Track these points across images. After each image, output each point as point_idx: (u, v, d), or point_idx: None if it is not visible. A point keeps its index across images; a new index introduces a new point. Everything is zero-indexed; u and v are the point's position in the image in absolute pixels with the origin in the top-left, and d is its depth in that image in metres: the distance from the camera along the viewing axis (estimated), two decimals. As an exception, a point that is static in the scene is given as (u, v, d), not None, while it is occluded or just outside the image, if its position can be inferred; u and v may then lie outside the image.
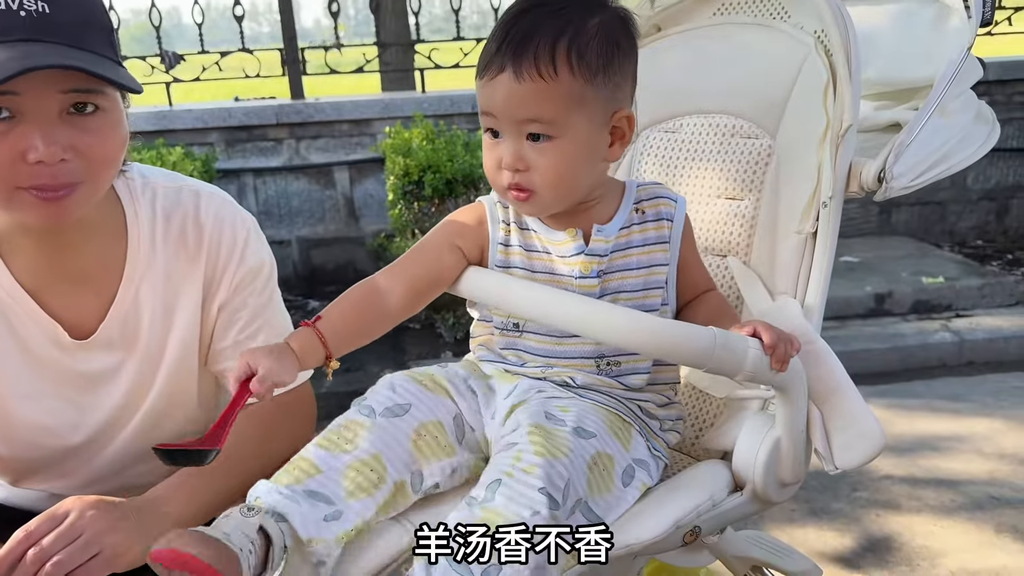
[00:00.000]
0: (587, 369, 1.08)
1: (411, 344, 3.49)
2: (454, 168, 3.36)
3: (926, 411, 2.88)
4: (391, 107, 4.14)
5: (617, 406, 1.07)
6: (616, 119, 1.04)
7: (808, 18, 1.22)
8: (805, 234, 1.14)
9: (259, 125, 4.11)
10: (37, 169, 0.95)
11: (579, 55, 0.99)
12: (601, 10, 1.03)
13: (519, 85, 0.98)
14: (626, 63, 1.04)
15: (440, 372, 1.09)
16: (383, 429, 0.99)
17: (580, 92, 1.00)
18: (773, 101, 1.23)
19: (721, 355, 0.92)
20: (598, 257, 1.07)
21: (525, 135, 1.01)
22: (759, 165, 1.24)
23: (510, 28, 1.00)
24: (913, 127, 1.12)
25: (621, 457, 1.01)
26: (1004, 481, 2.39)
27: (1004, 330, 3.37)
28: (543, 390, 1.07)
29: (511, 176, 1.02)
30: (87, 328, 1.15)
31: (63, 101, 0.96)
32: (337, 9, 4.34)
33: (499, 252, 1.10)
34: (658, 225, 1.12)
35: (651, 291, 1.10)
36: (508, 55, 0.99)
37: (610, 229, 1.09)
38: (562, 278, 1.07)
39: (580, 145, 1.02)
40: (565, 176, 1.02)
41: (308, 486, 0.94)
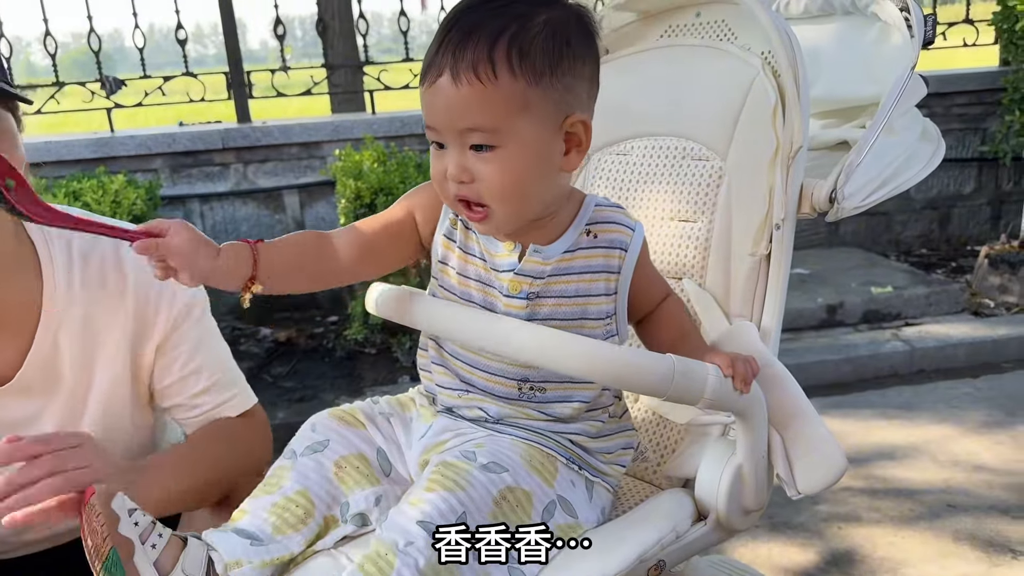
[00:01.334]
0: (506, 390, 1.02)
1: (367, 370, 3.43)
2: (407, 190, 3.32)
3: (881, 421, 2.91)
4: (341, 129, 4.09)
5: (539, 440, 1.02)
6: (569, 124, 0.95)
7: (755, 40, 1.22)
8: (759, 256, 1.13)
9: (205, 150, 4.02)
10: None
11: (521, 54, 0.90)
12: (552, 5, 0.94)
13: (457, 90, 0.90)
14: (578, 63, 0.95)
15: (363, 408, 1.09)
16: (305, 466, 1.02)
17: (523, 95, 0.91)
18: (723, 123, 1.22)
19: (681, 383, 0.90)
20: (530, 278, 1.00)
21: (468, 145, 0.93)
22: (711, 187, 1.23)
23: (451, 28, 0.92)
24: (862, 147, 1.12)
25: (542, 493, 0.97)
26: (959, 489, 2.42)
27: (952, 337, 3.43)
28: (460, 431, 1.04)
29: (457, 187, 0.95)
30: (4, 374, 1.11)
31: None
32: (283, 31, 4.29)
33: (442, 245, 1.06)
34: (607, 254, 1.03)
35: (588, 321, 1.02)
36: (447, 58, 0.91)
37: (551, 251, 1.01)
38: (491, 290, 1.02)
39: (528, 154, 0.93)
40: (514, 188, 0.94)
41: (238, 525, 0.98)
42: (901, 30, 1.27)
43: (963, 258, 4.56)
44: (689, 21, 1.31)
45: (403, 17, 4.33)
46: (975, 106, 4.61)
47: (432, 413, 1.09)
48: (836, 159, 1.33)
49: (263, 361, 3.56)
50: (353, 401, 1.15)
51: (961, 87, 4.55)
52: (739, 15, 1.24)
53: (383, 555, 0.87)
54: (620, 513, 1.09)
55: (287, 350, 3.70)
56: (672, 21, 1.33)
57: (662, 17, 1.34)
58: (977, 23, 4.60)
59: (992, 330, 3.48)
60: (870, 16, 1.37)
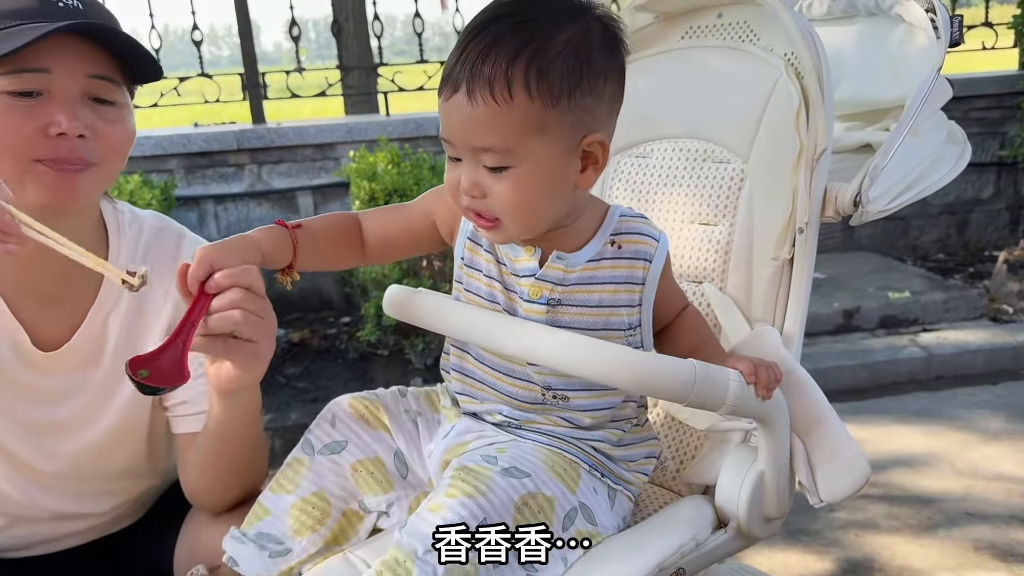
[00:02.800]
0: (531, 395, 1.02)
1: (379, 371, 3.42)
2: (420, 192, 3.30)
3: (899, 427, 2.88)
4: (355, 131, 4.09)
5: (562, 446, 1.01)
6: (587, 144, 0.92)
7: (778, 41, 1.20)
8: (781, 260, 1.12)
9: (219, 151, 4.03)
10: (57, 142, 1.02)
11: (540, 76, 0.87)
12: (577, 20, 0.90)
13: (472, 109, 0.88)
14: (599, 82, 0.91)
15: (387, 404, 1.08)
16: (321, 466, 1.04)
17: (540, 118, 0.88)
18: (744, 125, 1.21)
19: (702, 389, 0.88)
20: (551, 284, 0.99)
21: (483, 166, 0.91)
22: (732, 190, 1.22)
23: (471, 40, 0.89)
24: (887, 149, 1.11)
25: (564, 499, 0.95)
26: (979, 497, 2.39)
27: (970, 344, 3.39)
28: (484, 433, 1.04)
29: (469, 200, 0.93)
30: (55, 342, 1.17)
31: (86, 86, 1.04)
32: (298, 33, 4.30)
33: (466, 247, 1.04)
34: (632, 265, 1.01)
35: (612, 332, 1.01)
36: (464, 73, 0.88)
37: (576, 259, 1.00)
38: (512, 294, 1.01)
39: (542, 175, 0.91)
40: (525, 206, 0.92)
41: (259, 528, 1.02)
42: (926, 31, 1.25)
43: (981, 263, 4.51)
44: (711, 22, 1.30)
45: (418, 19, 4.34)
46: (994, 110, 4.57)
47: (456, 414, 1.08)
48: (860, 162, 1.31)
49: (276, 362, 3.56)
50: None
51: (980, 91, 4.50)
52: (761, 16, 1.23)
53: (401, 562, 0.86)
54: (640, 520, 1.08)
55: (300, 351, 3.70)
56: (693, 22, 1.32)
57: (683, 19, 1.32)
58: (996, 26, 4.56)
59: (1011, 336, 3.44)
60: (894, 17, 1.35)
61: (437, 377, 1.19)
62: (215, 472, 1.16)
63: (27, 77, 1.01)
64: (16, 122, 1.01)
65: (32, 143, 1.02)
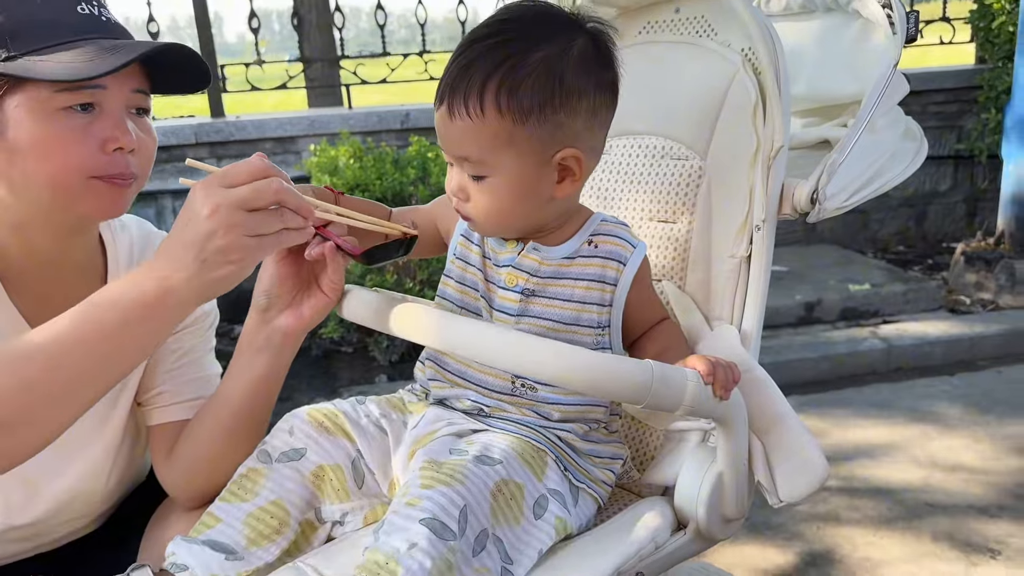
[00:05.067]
0: (501, 383, 1.03)
1: (343, 369, 3.38)
2: (383, 186, 3.28)
3: (859, 419, 2.91)
4: (316, 124, 4.03)
5: (530, 434, 1.01)
6: (560, 158, 0.98)
7: (735, 36, 1.19)
8: (739, 258, 1.11)
9: (177, 145, 3.94)
10: (116, 157, 1.03)
11: (509, 93, 0.93)
12: (557, 39, 0.95)
13: (452, 122, 0.96)
14: (573, 99, 0.96)
15: (347, 412, 1.07)
16: (281, 475, 1.01)
17: (509, 133, 0.95)
18: (702, 121, 1.20)
19: (659, 390, 0.86)
20: (526, 274, 1.04)
21: (465, 173, 0.99)
22: (690, 187, 1.21)
23: (457, 57, 0.97)
24: (844, 146, 1.10)
25: (532, 487, 0.95)
26: (938, 488, 2.42)
27: (929, 335, 3.44)
28: (452, 421, 1.04)
29: (456, 201, 1.02)
30: None
31: (131, 100, 1.06)
32: (258, 25, 4.22)
33: (459, 243, 1.11)
34: (604, 264, 1.05)
35: (582, 328, 1.04)
36: (447, 88, 0.96)
37: (553, 252, 1.05)
38: (491, 284, 1.07)
39: (513, 185, 0.98)
40: (499, 213, 1.00)
41: (209, 536, 0.98)
42: (883, 27, 1.25)
43: (939, 255, 4.59)
44: (668, 17, 1.28)
45: (380, 11, 4.28)
46: (951, 104, 4.64)
47: (424, 405, 1.09)
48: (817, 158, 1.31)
49: (237, 360, 3.50)
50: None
51: (938, 85, 4.57)
52: (719, 11, 1.22)
53: (383, 564, 0.83)
54: (600, 522, 1.06)
55: (262, 349, 3.64)
56: (651, 17, 1.30)
57: (641, 13, 1.31)
58: (953, 21, 4.62)
59: (968, 328, 3.50)
60: (851, 13, 1.35)
61: (402, 374, 1.18)
62: (234, 436, 1.11)
63: (87, 93, 1.01)
64: (78, 139, 1.01)
65: (94, 159, 1.02)
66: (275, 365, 1.08)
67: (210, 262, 0.88)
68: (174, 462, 1.18)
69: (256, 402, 1.09)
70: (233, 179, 0.88)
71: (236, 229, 0.87)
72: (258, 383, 1.08)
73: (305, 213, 0.93)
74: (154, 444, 1.22)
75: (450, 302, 1.09)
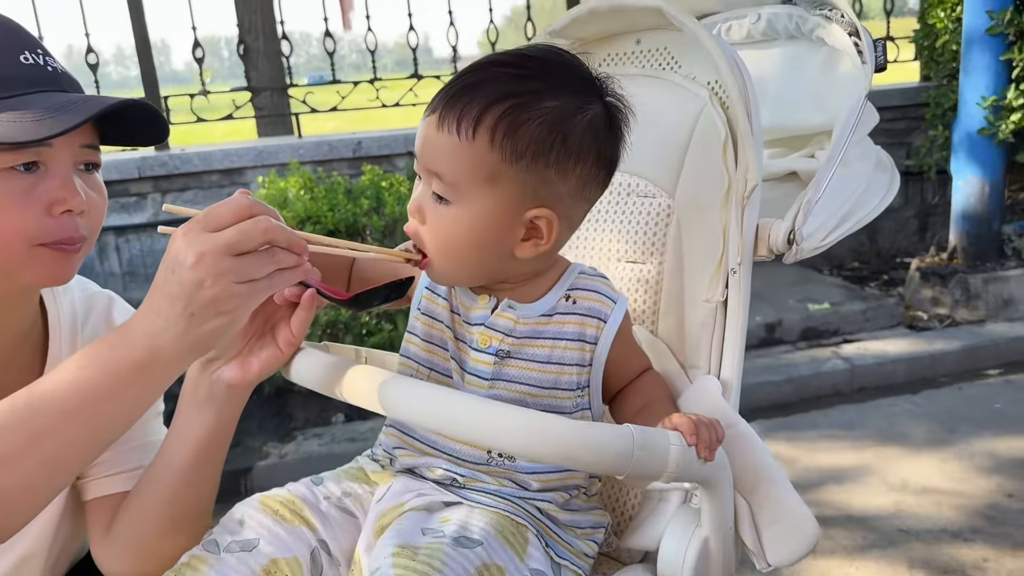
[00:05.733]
0: (475, 454, 0.95)
1: (298, 408, 3.25)
2: (336, 218, 3.18)
3: (826, 442, 2.88)
4: (264, 154, 3.92)
5: (508, 508, 0.93)
6: (533, 215, 0.90)
7: (700, 68, 1.14)
8: (715, 303, 1.05)
9: (119, 180, 3.80)
10: (63, 221, 0.94)
11: (508, 129, 0.86)
12: (575, 96, 0.89)
13: (437, 133, 0.89)
14: (569, 162, 0.89)
15: (304, 496, 0.96)
16: (227, 565, 0.90)
17: (494, 167, 0.87)
18: (669, 158, 1.14)
19: (641, 458, 0.79)
20: (500, 334, 0.95)
21: (431, 189, 0.90)
22: (659, 226, 1.15)
23: (466, 73, 0.90)
24: (820, 182, 1.05)
25: (515, 568, 0.87)
26: (910, 513, 2.39)
27: (890, 354, 3.45)
28: (423, 492, 0.95)
29: (411, 222, 0.94)
30: None
31: (80, 156, 0.97)
32: (202, 55, 4.10)
33: (424, 297, 1.02)
34: (582, 321, 0.97)
35: (561, 391, 0.96)
36: (444, 99, 0.89)
37: (528, 311, 0.97)
38: (462, 344, 0.98)
39: (476, 223, 0.89)
40: (452, 249, 0.91)
41: None
42: (850, 55, 1.21)
43: (894, 270, 4.63)
44: (629, 49, 1.23)
45: (329, 38, 4.20)
46: (899, 121, 4.70)
47: (390, 475, 0.99)
48: (786, 191, 1.26)
49: (186, 403, 3.35)
50: (284, 447, 1.03)
51: (886, 103, 4.62)
52: (682, 42, 1.16)
53: None
54: (575, 593, 0.98)
55: (213, 389, 3.50)
56: (611, 49, 1.24)
57: (601, 45, 1.25)
58: (898, 40, 4.70)
59: (929, 345, 3.51)
60: (816, 41, 1.31)
61: (360, 413, 1.09)
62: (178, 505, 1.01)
63: (30, 151, 0.92)
64: (20, 203, 0.92)
65: (39, 224, 0.93)
66: (220, 421, 0.98)
67: (199, 315, 0.80)
68: (112, 541, 1.07)
69: (201, 464, 1.00)
70: (216, 221, 0.79)
71: (225, 276, 0.79)
72: (202, 442, 0.98)
73: (299, 250, 0.84)
74: (91, 521, 1.11)
75: (415, 362, 1.00)
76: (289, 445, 2.93)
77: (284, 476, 1.06)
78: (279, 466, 2.81)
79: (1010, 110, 3.88)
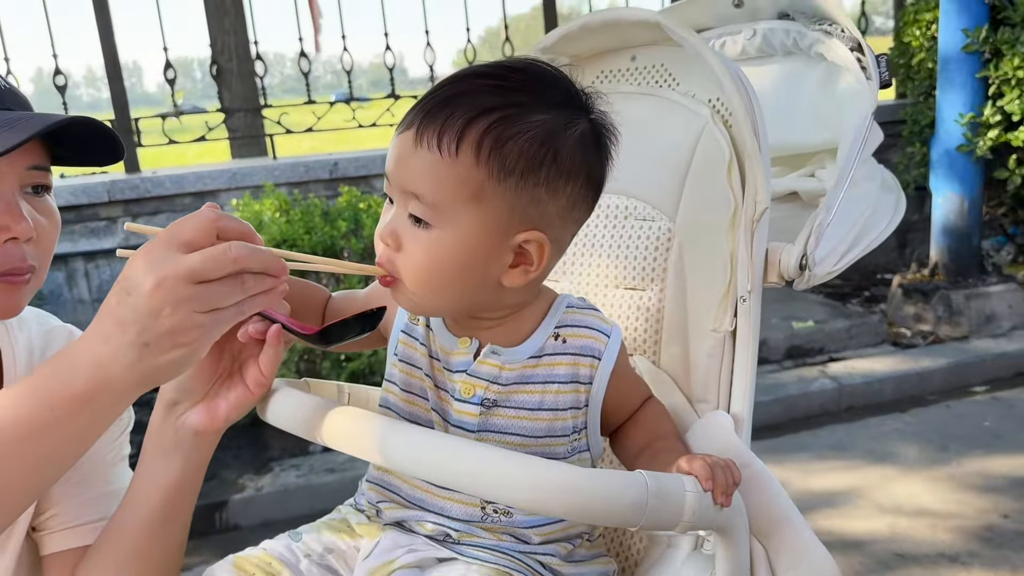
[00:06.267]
0: (468, 511, 0.87)
1: (274, 438, 3.15)
2: (313, 241, 3.10)
3: (818, 464, 2.83)
4: (239, 176, 3.83)
5: (509, 563, 0.86)
6: (523, 239, 0.82)
7: (699, 85, 1.09)
8: (723, 332, 0.99)
9: (89, 204, 3.69)
10: (8, 249, 0.89)
11: (495, 144, 0.79)
12: (563, 111, 0.82)
13: (415, 150, 0.80)
14: (560, 181, 0.82)
15: (282, 555, 0.88)
16: None
17: (479, 185, 0.79)
18: (669, 179, 1.08)
19: (655, 507, 0.72)
20: (485, 382, 0.87)
21: (408, 212, 0.81)
22: (659, 251, 1.09)
23: (444, 85, 0.82)
24: (831, 204, 1.00)
25: None
26: (905, 536, 2.34)
27: (877, 372, 3.41)
28: (414, 547, 0.87)
29: (383, 249, 0.84)
30: None
31: (26, 178, 0.92)
32: (174, 76, 4.02)
33: (400, 341, 0.93)
34: (575, 361, 0.89)
35: (556, 439, 0.88)
36: (422, 113, 0.81)
37: (515, 354, 0.88)
38: (443, 393, 0.89)
39: (460, 248, 0.81)
40: (432, 277, 0.82)
41: None
42: (853, 71, 1.16)
43: (875, 287, 4.62)
44: (624, 66, 1.17)
45: (303, 58, 4.13)
46: (877, 138, 4.71)
47: (378, 528, 0.91)
48: (786, 212, 1.21)
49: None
50: (260, 479, 0.95)
51: (864, 120, 4.64)
52: (679, 58, 1.11)
53: None
54: (580, 649, 0.91)
55: (186, 419, 3.38)
56: (604, 66, 1.19)
57: (594, 61, 1.19)
58: (874, 58, 4.71)
59: (915, 362, 3.49)
60: (814, 57, 1.26)
61: None
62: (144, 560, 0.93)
63: None
64: None
65: None
66: (188, 469, 0.90)
67: (154, 346, 0.71)
68: None
69: (169, 515, 0.91)
70: (180, 240, 0.70)
71: (186, 305, 0.70)
72: (169, 491, 0.90)
73: (276, 271, 0.75)
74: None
75: (395, 413, 0.92)
76: (265, 477, 2.82)
77: (260, 510, 0.98)
78: (255, 499, 2.70)
79: (987, 127, 3.89)
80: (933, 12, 4.17)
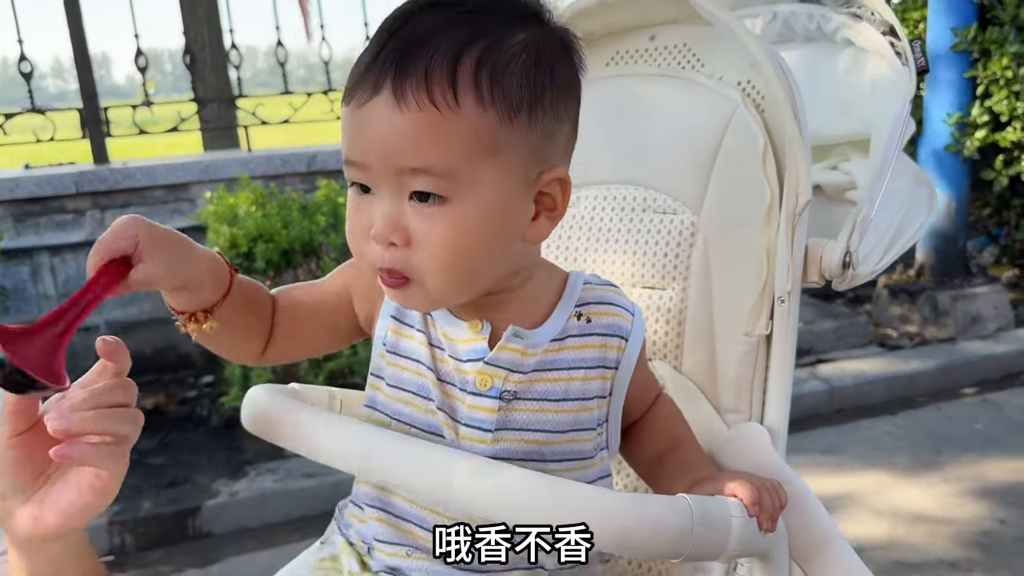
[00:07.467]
0: None
1: (249, 441, 3.03)
2: (290, 236, 2.98)
3: (811, 467, 2.77)
4: (212, 169, 3.69)
5: None
6: (545, 182, 0.70)
7: (728, 67, 1.00)
8: (757, 337, 0.90)
9: (55, 196, 3.54)
10: None
11: (493, 80, 0.65)
12: (533, 22, 0.70)
13: (400, 115, 0.65)
14: (563, 101, 0.71)
15: None
16: None
17: (492, 134, 0.66)
18: (692, 169, 1.00)
19: (701, 535, 0.65)
20: (505, 371, 0.74)
21: (408, 193, 0.67)
22: (682, 247, 1.00)
23: (395, 31, 0.67)
24: (872, 197, 0.92)
25: None
26: (904, 543, 2.29)
27: (867, 374, 3.37)
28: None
29: (383, 253, 0.68)
30: None
31: None
32: (145, 64, 3.86)
33: (389, 330, 0.79)
34: (604, 343, 0.78)
35: (582, 433, 0.78)
36: (388, 69, 0.65)
37: (537, 336, 0.76)
38: (450, 388, 0.76)
39: (488, 214, 0.67)
40: (461, 258, 0.68)
41: None
42: (886, 57, 1.09)
43: (861, 287, 4.58)
44: (641, 46, 1.09)
45: (281, 48, 4.00)
46: (862, 137, 4.69)
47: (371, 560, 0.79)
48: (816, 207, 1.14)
49: (128, 436, 3.10)
50: (235, 483, 0.85)
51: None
52: (704, 37, 1.03)
53: None
54: None
55: (154, 420, 3.24)
56: (620, 46, 1.10)
57: (607, 40, 1.11)
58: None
59: (905, 364, 3.45)
60: (840, 42, 1.18)
61: None
62: None
63: None
64: None
65: None
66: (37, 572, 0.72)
67: None
68: None
69: None
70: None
71: None
72: None
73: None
74: None
75: (386, 415, 0.79)
76: (241, 482, 2.70)
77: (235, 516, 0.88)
78: (230, 505, 2.58)
79: (975, 127, 3.87)
80: (921, 11, 4.14)
